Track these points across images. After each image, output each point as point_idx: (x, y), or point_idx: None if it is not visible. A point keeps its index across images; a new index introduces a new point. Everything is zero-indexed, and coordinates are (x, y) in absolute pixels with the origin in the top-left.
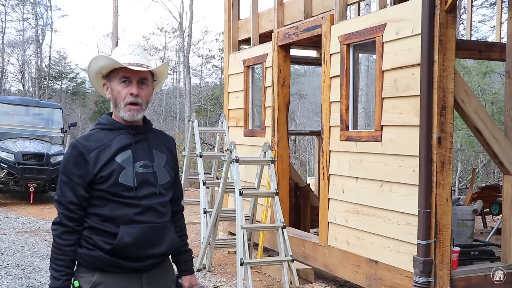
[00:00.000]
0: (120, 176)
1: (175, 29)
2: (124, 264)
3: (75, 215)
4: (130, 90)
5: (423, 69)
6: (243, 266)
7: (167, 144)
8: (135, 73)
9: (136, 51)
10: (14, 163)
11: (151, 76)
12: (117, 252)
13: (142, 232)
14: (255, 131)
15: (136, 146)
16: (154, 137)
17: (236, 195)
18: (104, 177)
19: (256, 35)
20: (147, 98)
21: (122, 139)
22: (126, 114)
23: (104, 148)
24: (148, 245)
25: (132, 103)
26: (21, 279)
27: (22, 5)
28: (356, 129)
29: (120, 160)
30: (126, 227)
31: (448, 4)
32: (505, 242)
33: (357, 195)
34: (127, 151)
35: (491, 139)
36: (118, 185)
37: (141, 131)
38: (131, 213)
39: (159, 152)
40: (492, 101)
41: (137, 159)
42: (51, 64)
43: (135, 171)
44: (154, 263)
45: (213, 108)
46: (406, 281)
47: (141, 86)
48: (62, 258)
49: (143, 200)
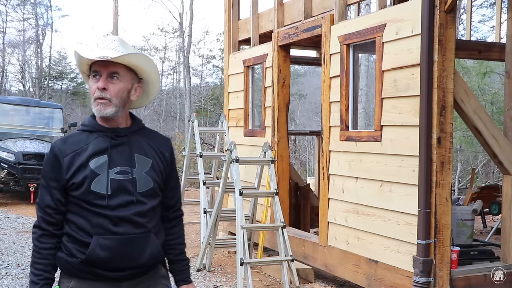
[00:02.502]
0: (93, 183)
1: (175, 29)
2: (100, 273)
3: (53, 219)
4: (97, 84)
5: (422, 69)
6: (243, 266)
7: (157, 147)
8: (104, 67)
9: (112, 44)
10: (14, 163)
11: (129, 72)
12: (91, 262)
13: (116, 244)
14: (255, 131)
15: (114, 150)
16: (139, 140)
17: (236, 195)
18: (76, 184)
19: (256, 35)
20: (118, 93)
21: (99, 143)
22: (95, 109)
23: (80, 152)
24: (123, 257)
25: (98, 97)
26: (21, 278)
27: (22, 5)
28: (356, 129)
29: (94, 166)
30: (99, 238)
31: (447, 4)
32: (505, 242)
33: (357, 195)
34: (103, 156)
35: (490, 139)
36: (91, 193)
37: (121, 134)
38: (104, 223)
39: (143, 156)
40: (492, 101)
41: (113, 165)
42: (51, 64)
43: (110, 178)
44: (134, 273)
45: (213, 108)
46: (406, 281)
47: (111, 80)
48: (41, 262)
49: (117, 209)
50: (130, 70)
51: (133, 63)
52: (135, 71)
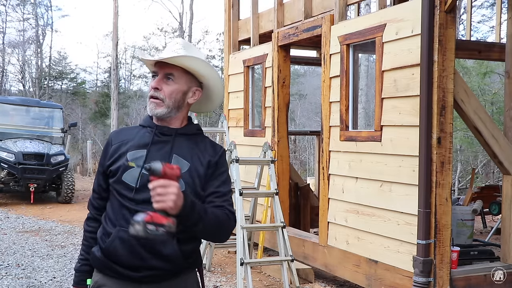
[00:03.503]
0: (125, 174)
1: (175, 29)
2: (118, 269)
3: (96, 203)
4: (152, 84)
5: (422, 69)
6: (243, 266)
7: (203, 153)
8: (161, 68)
9: (174, 47)
10: (14, 163)
11: (185, 74)
12: (109, 254)
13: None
14: (255, 131)
15: (155, 147)
16: (185, 143)
17: (236, 195)
18: (112, 171)
19: (256, 35)
20: (172, 94)
21: (143, 137)
22: (148, 107)
23: (126, 142)
24: (138, 254)
25: (151, 96)
26: (21, 279)
27: (22, 5)
28: (356, 129)
29: (131, 158)
30: (120, 230)
31: (447, 4)
32: (505, 242)
33: (357, 195)
34: (142, 150)
35: (490, 139)
36: (121, 182)
37: (168, 133)
38: (127, 216)
39: (182, 158)
40: (492, 101)
41: (149, 160)
42: (51, 64)
43: (142, 172)
44: (151, 275)
45: None
46: (405, 281)
47: (166, 81)
48: (84, 243)
49: (141, 204)
50: (188, 73)
51: (187, 65)
52: (193, 74)
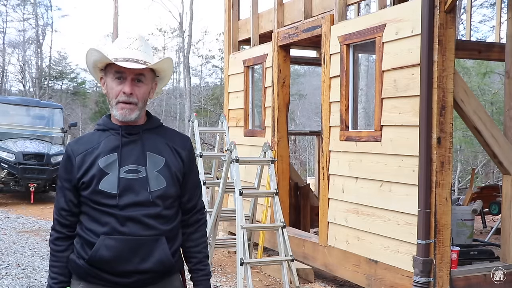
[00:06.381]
0: (101, 182)
1: (174, 29)
2: (106, 277)
3: (67, 221)
4: (123, 88)
5: (422, 69)
6: (243, 266)
7: (173, 146)
8: (130, 69)
9: (134, 44)
10: (14, 163)
11: (150, 73)
12: (95, 264)
13: (121, 244)
14: (255, 131)
15: (125, 148)
16: (153, 138)
17: (236, 195)
18: (85, 183)
19: (256, 35)
20: (143, 96)
21: (110, 141)
22: (118, 113)
23: (92, 151)
24: (128, 260)
25: (124, 101)
26: (21, 278)
27: (22, 5)
28: (356, 129)
29: (103, 165)
30: (105, 238)
31: (447, 5)
32: (505, 242)
33: (357, 195)
34: (113, 154)
35: (490, 139)
36: (98, 192)
37: (134, 131)
38: (112, 223)
39: (156, 154)
40: (492, 101)
41: (123, 163)
42: (51, 64)
43: (119, 177)
44: (142, 279)
45: (213, 108)
46: (405, 281)
47: (136, 84)
48: (57, 265)
49: (125, 209)
50: (152, 71)
51: (161, 67)
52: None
